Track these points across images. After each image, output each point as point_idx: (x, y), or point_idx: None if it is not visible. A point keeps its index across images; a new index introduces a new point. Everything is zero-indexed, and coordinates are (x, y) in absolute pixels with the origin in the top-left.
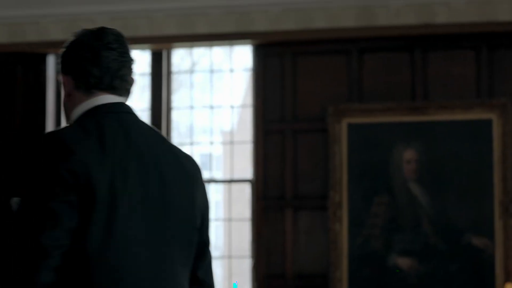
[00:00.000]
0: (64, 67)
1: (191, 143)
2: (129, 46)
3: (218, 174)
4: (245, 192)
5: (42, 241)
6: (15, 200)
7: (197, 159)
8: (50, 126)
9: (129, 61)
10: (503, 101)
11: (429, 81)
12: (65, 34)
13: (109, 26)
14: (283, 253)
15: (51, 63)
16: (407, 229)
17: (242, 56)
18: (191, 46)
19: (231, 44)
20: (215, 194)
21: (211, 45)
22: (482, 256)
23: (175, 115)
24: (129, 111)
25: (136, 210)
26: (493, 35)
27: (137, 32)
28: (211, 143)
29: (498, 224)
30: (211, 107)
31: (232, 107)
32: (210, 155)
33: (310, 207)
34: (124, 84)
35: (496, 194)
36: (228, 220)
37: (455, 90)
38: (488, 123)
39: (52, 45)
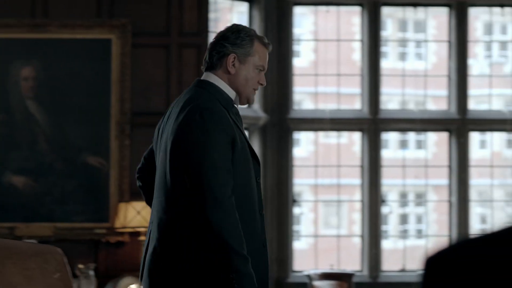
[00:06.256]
0: None
1: None
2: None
3: None
4: None
5: None
6: None
7: None
8: None
9: (213, 42)
10: (123, 21)
11: None
12: None
13: None
14: None
15: None
16: (23, 147)
17: None
18: None
19: None
20: None
21: None
22: (98, 176)
23: None
24: (194, 84)
25: None
26: None
27: None
28: None
29: (114, 144)
30: None
31: None
32: None
33: None
34: (205, 61)
35: (113, 114)
36: None
37: (76, 9)
38: (107, 43)
39: None
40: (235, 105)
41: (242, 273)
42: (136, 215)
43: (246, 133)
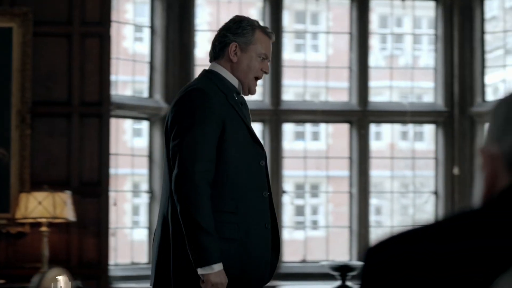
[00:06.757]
0: None
1: None
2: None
3: None
4: None
5: None
6: None
7: None
8: None
9: (216, 34)
10: (24, 10)
11: None
12: None
13: None
14: None
15: None
16: None
17: None
18: None
19: None
20: None
21: None
22: None
23: None
24: (200, 74)
25: None
26: None
27: None
28: None
29: (14, 134)
30: None
31: None
32: None
33: None
34: (210, 53)
35: (14, 103)
36: None
37: None
38: (8, 32)
39: None
40: (241, 95)
41: (200, 245)
42: (37, 206)
43: (147, 123)
